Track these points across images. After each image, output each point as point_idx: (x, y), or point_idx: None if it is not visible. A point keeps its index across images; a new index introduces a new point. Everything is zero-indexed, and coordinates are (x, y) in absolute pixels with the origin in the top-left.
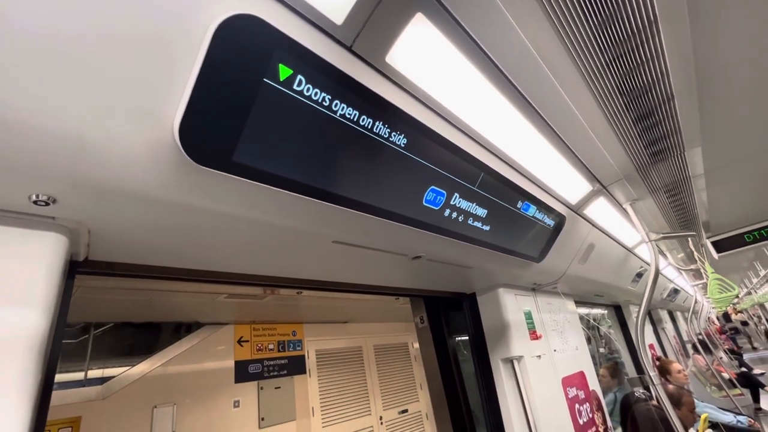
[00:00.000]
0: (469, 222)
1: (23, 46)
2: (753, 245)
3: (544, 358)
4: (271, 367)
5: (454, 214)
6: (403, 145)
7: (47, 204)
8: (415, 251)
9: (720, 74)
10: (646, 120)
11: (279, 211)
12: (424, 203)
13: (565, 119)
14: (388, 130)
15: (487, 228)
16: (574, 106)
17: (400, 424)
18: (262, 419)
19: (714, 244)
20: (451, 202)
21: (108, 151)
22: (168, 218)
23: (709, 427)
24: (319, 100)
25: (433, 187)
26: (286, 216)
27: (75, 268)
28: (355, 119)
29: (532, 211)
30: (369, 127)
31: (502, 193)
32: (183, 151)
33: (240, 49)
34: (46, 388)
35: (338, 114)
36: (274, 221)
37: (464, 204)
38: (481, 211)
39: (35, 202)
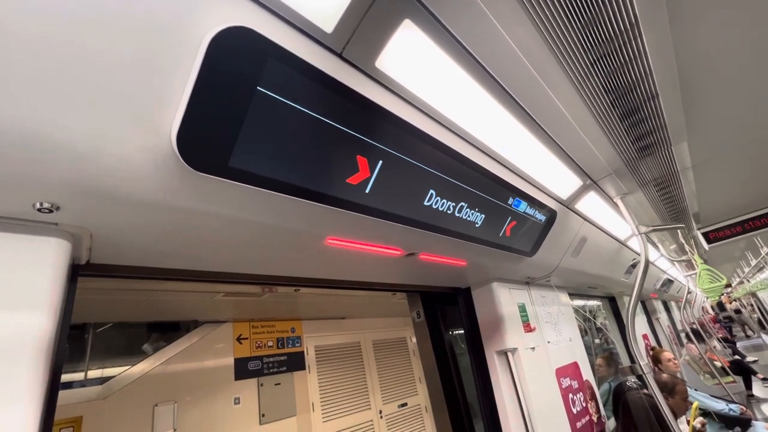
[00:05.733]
0: (461, 219)
1: (25, 60)
2: (743, 235)
3: (538, 349)
4: (271, 364)
5: (447, 212)
6: (394, 147)
7: (50, 211)
8: (409, 248)
9: (701, 72)
10: (632, 116)
11: (274, 212)
12: (416, 202)
13: (553, 118)
14: (380, 133)
15: (478, 224)
16: (562, 105)
17: (399, 418)
18: (263, 415)
19: (704, 235)
20: (443, 200)
21: (109, 160)
22: (167, 222)
23: (700, 415)
24: (312, 106)
25: (424, 186)
26: (281, 217)
27: (77, 272)
28: (346, 123)
29: (523, 207)
30: (360, 130)
31: (493, 190)
32: (181, 158)
33: (234, 59)
34: (52, 389)
35: (330, 119)
36: (270, 222)
37: (456, 202)
38: (473, 208)
39: (39, 210)
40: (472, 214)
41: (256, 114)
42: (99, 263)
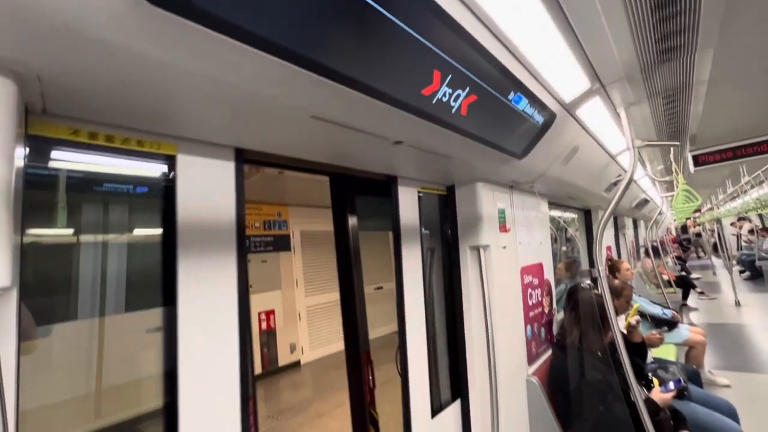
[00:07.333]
0: (457, 110)
1: None
2: (731, 161)
3: (509, 248)
4: (258, 243)
5: (443, 100)
6: (400, 19)
7: None
8: (397, 135)
9: None
10: (666, 9)
11: (253, 74)
12: (413, 85)
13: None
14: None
15: (473, 118)
16: None
17: (374, 298)
18: (251, 286)
19: (694, 157)
20: (441, 87)
21: None
22: (124, 70)
23: (638, 315)
24: None
25: (422, 67)
26: (260, 81)
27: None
28: None
29: (523, 104)
30: None
31: (496, 81)
32: None
33: None
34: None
35: None
36: (248, 86)
37: (455, 90)
38: (471, 100)
39: None
40: (470, 105)
41: None
42: (57, 113)
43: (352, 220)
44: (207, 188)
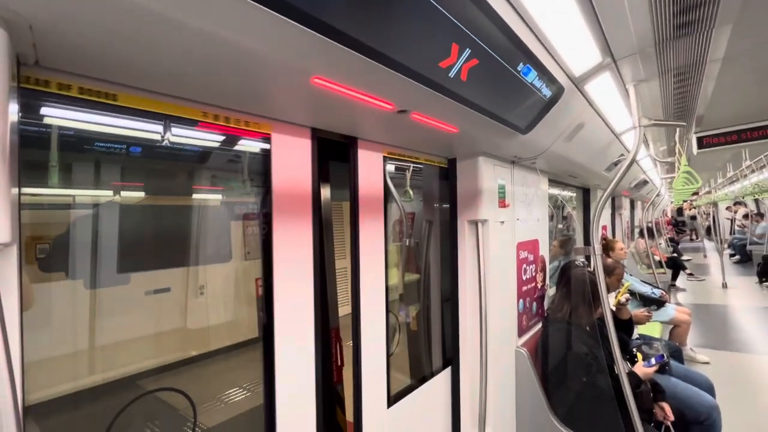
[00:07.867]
0: (463, 80)
1: None
2: (735, 144)
3: (506, 224)
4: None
5: (458, 73)
6: None
7: None
8: (401, 104)
9: None
10: None
11: (254, 31)
12: (422, 52)
13: None
14: None
15: (482, 91)
16: None
17: None
18: (248, 253)
19: (698, 139)
20: (458, 60)
21: None
22: (116, 20)
23: (628, 293)
24: None
25: (434, 35)
26: (261, 40)
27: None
28: None
29: (532, 76)
30: None
31: (505, 51)
32: None
33: None
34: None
35: None
36: (249, 45)
37: (469, 63)
38: (482, 72)
39: None
40: (477, 75)
41: None
42: (49, 67)
43: (324, 187)
44: (293, 162)
